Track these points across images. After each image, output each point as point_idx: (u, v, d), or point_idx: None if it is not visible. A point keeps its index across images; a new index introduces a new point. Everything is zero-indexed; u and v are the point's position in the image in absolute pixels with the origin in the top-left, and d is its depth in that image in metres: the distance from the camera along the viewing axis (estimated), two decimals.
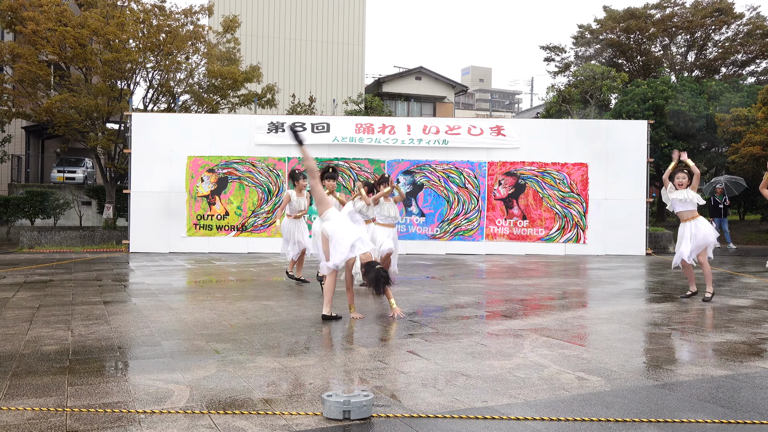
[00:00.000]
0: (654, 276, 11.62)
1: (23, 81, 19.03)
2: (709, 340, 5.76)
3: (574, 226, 16.70)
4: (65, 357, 5.00)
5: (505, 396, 4.03)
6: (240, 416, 3.62)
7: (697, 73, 28.19)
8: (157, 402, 3.85)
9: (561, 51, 30.15)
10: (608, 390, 4.17)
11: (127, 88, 20.09)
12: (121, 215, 19.83)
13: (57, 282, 10.00)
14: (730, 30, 27.39)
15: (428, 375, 4.54)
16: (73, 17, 18.70)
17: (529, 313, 7.29)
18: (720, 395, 4.06)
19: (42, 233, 17.80)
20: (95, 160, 21.73)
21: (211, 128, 16.77)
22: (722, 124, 20.52)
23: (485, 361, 4.93)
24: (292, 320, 6.64)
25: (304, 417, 3.61)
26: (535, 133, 17.12)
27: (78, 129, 19.61)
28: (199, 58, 20.90)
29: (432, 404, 3.85)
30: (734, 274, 11.81)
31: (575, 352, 5.24)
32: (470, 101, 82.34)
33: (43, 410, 3.68)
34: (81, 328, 6.19)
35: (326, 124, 16.91)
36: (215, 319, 6.73)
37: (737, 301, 8.25)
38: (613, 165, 16.70)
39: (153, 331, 6.08)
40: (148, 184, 16.31)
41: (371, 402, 3.62)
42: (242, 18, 26.60)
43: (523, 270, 12.58)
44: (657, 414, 3.69)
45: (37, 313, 7.07)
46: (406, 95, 36.88)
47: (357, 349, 5.32)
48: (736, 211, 27.11)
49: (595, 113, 24.05)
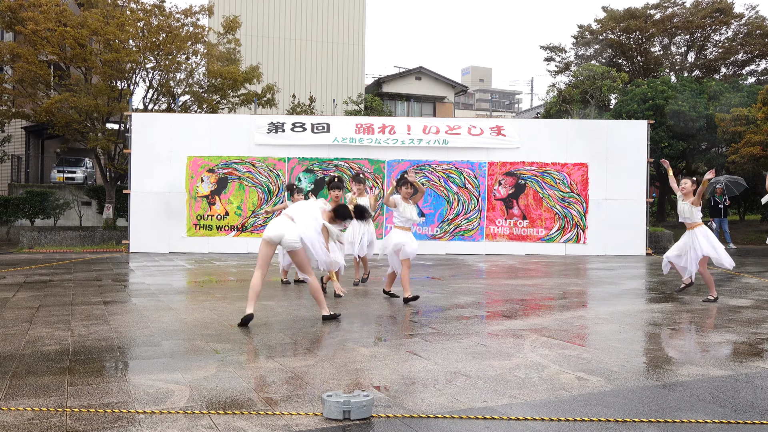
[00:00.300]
0: (654, 276, 11.62)
1: (23, 81, 19.03)
2: (709, 340, 5.76)
3: (574, 226, 16.70)
4: (65, 357, 5.00)
5: (505, 396, 4.03)
6: (240, 416, 3.62)
7: (697, 73, 28.20)
8: (157, 402, 3.85)
9: (561, 51, 30.15)
10: (608, 390, 4.17)
11: (127, 89, 20.10)
12: (121, 215, 19.83)
13: (57, 282, 9.99)
14: (730, 30, 27.39)
15: (428, 375, 4.54)
16: (72, 17, 18.69)
17: (529, 314, 7.29)
18: (720, 395, 4.06)
19: (42, 233, 17.80)
20: (95, 160, 21.73)
21: (211, 128, 16.77)
22: (722, 124, 20.52)
23: (485, 361, 4.93)
24: (291, 320, 6.64)
25: (304, 417, 3.61)
26: (535, 133, 17.13)
27: (78, 129, 19.60)
28: (199, 58, 20.91)
29: (432, 404, 3.85)
30: (734, 274, 11.81)
31: (575, 353, 5.24)
32: (470, 101, 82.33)
33: (42, 410, 3.68)
34: (81, 328, 6.19)
35: (326, 125, 16.91)
36: (215, 319, 6.73)
37: (737, 301, 8.24)
38: (613, 165, 16.71)
39: (153, 331, 6.07)
40: (148, 185, 16.32)
41: (371, 402, 3.62)
42: (242, 18, 26.61)
43: (523, 270, 12.58)
44: (657, 414, 3.69)
45: (37, 313, 7.07)
46: (406, 95, 36.88)
47: (357, 349, 5.32)
48: (736, 211, 27.11)
49: (595, 113, 24.06)
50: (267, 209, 16.15)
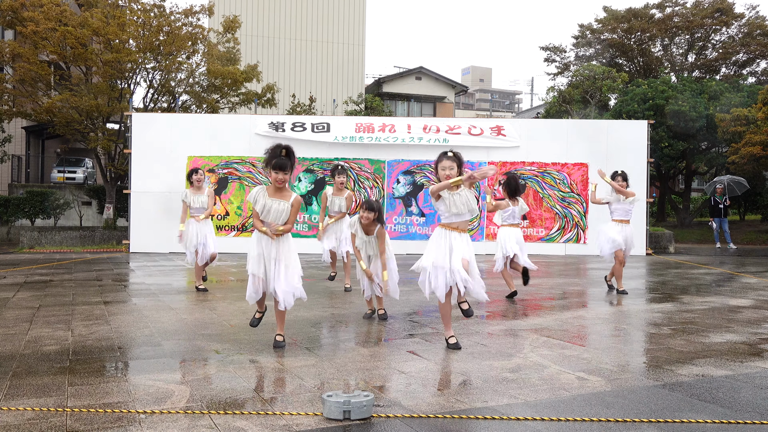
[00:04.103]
0: (654, 276, 11.62)
1: (24, 81, 19.04)
2: (709, 340, 5.76)
3: (574, 226, 16.69)
4: (65, 357, 5.00)
5: (505, 396, 4.03)
6: (240, 416, 3.62)
7: (698, 73, 28.18)
8: (157, 402, 3.85)
9: (561, 51, 30.12)
10: (608, 390, 4.17)
11: (128, 88, 20.10)
12: (122, 215, 19.83)
13: (57, 282, 10.00)
14: (730, 30, 27.37)
15: (428, 375, 4.54)
16: (73, 17, 18.69)
17: (530, 314, 7.29)
18: (720, 395, 4.06)
19: (42, 233, 17.80)
20: (95, 160, 21.74)
21: (211, 128, 16.76)
22: (722, 125, 20.51)
23: (485, 361, 4.93)
24: (291, 320, 6.64)
25: (305, 417, 3.61)
26: (536, 133, 17.12)
27: (78, 129, 19.61)
28: (199, 58, 20.91)
29: (432, 404, 3.85)
30: (734, 274, 11.81)
31: (575, 353, 5.24)
32: (470, 101, 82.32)
33: (43, 410, 3.68)
34: (81, 328, 6.19)
35: (326, 124, 16.90)
36: (215, 319, 6.73)
37: (737, 301, 8.24)
38: (613, 165, 16.60)
39: (153, 331, 6.08)
40: (149, 184, 16.32)
41: (371, 402, 3.62)
42: (242, 18, 26.60)
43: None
44: (657, 414, 3.69)
45: (37, 313, 7.07)
46: (406, 95, 36.87)
47: (357, 349, 5.32)
48: (737, 211, 27.10)
49: (596, 113, 24.05)
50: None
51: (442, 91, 37.69)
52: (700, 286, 9.95)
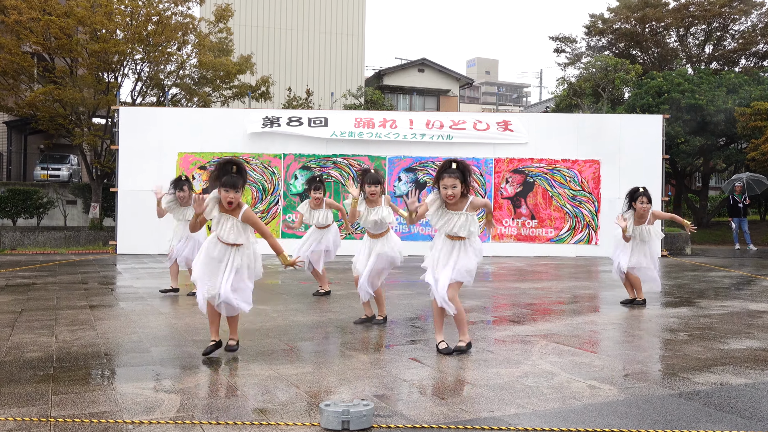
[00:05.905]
0: (670, 279, 11.61)
1: (5, 73, 19.03)
2: (727, 347, 5.75)
3: (585, 226, 16.69)
4: (49, 364, 5.00)
5: (512, 405, 4.03)
6: (233, 426, 3.62)
7: (715, 65, 28.16)
8: (145, 412, 3.86)
9: (572, 42, 30.11)
10: (621, 399, 4.17)
11: (115, 81, 20.09)
12: (108, 215, 19.82)
13: (40, 285, 10.00)
14: (750, 19, 27.34)
15: (431, 383, 4.54)
16: (58, 6, 18.69)
17: (538, 319, 7.29)
18: (739, 405, 4.06)
19: (24, 234, 17.82)
20: (81, 156, 21.75)
21: (202, 123, 16.77)
22: (742, 119, 20.50)
23: (492, 368, 4.93)
24: (287, 326, 6.65)
25: (301, 428, 3.61)
26: (545, 128, 17.12)
27: (63, 124, 19.61)
28: (189, 49, 20.91)
29: (435, 414, 3.85)
30: (755, 277, 11.80)
31: (587, 360, 5.24)
32: (476, 95, 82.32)
33: (26, 420, 3.68)
34: (66, 333, 6.19)
35: (324, 119, 16.91)
36: (206, 324, 6.72)
37: (758, 306, 8.24)
38: (626, 162, 16.69)
39: (141, 337, 6.08)
40: (137, 182, 16.31)
41: (371, 412, 3.62)
42: (235, 7, 26.62)
43: (531, 273, 12.58)
44: (673, 425, 3.69)
45: (19, 318, 7.07)
46: (408, 88, 36.86)
47: (356, 356, 5.32)
48: (757, 210, 27.08)
49: (608, 107, 24.04)
50: None
51: (446, 84, 37.70)
52: (719, 289, 9.95)
